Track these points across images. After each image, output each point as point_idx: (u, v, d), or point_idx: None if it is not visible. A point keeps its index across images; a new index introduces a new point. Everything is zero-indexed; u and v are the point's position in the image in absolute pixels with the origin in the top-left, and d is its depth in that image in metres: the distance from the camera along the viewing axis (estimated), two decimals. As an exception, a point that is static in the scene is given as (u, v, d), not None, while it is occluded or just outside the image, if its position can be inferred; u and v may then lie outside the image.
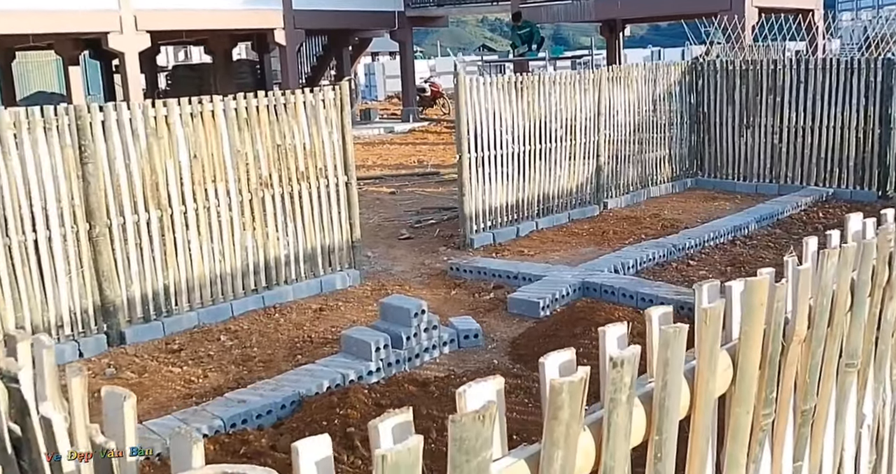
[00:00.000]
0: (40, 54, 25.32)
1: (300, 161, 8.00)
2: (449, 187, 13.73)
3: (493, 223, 10.03)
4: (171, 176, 7.15)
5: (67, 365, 1.05)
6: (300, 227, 8.05)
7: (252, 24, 18.94)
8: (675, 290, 7.38)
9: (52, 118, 6.53)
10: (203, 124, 7.36)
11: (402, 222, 11.21)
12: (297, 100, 8.01)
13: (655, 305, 7.10)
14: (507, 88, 10.15)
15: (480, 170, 9.81)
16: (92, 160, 6.70)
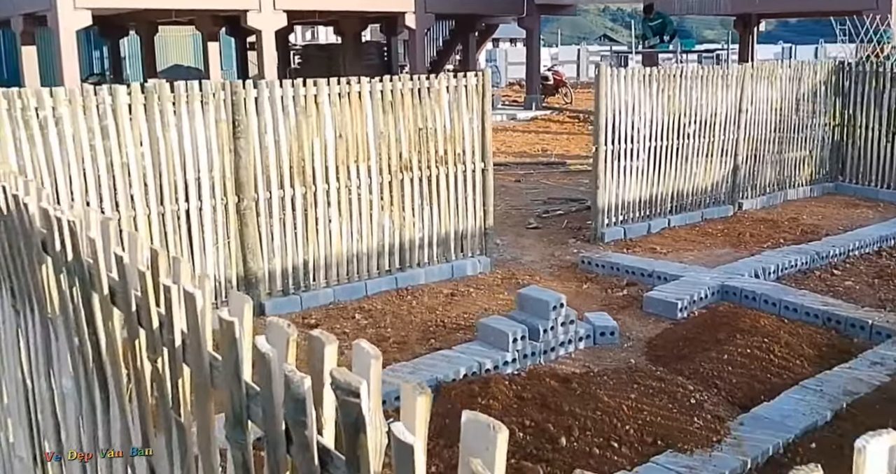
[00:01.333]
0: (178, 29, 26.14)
1: (440, 145, 8.00)
2: (575, 178, 13.55)
3: (625, 218, 9.82)
4: (317, 154, 7.25)
5: (412, 384, 0.97)
6: (435, 211, 8.05)
7: (384, 7, 19.04)
8: (822, 301, 7.06)
9: (209, 93, 6.69)
10: (350, 105, 7.42)
11: (529, 211, 11.10)
12: (441, 85, 8.00)
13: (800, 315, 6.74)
14: (647, 81, 9.89)
15: (616, 163, 9.62)
16: (244, 135, 6.84)
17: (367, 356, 1.01)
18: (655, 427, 4.93)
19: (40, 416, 2.50)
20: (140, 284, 1.50)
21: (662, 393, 5.38)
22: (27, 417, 2.70)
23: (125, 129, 6.31)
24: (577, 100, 24.35)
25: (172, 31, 26.71)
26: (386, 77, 7.76)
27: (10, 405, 2.88)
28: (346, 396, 0.93)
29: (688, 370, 5.76)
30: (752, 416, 5.05)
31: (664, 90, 10.00)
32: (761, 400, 5.29)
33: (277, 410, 1.11)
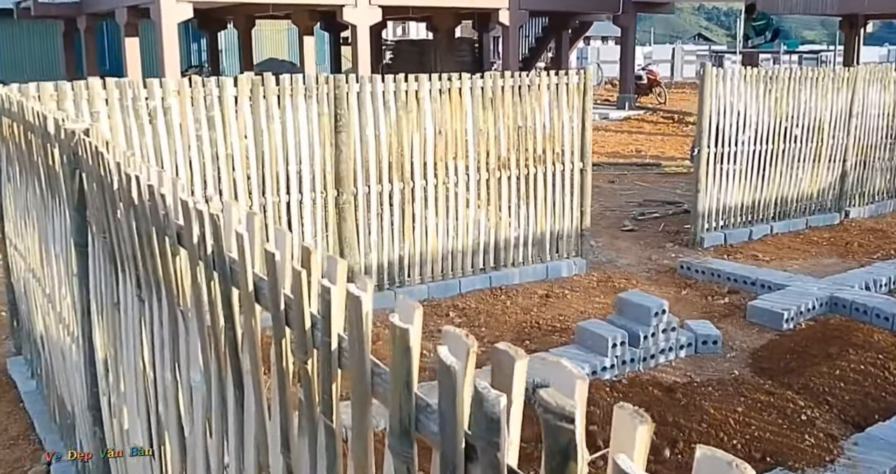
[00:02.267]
0: (274, 23, 26.59)
1: (538, 144, 7.88)
2: (671, 180, 13.25)
3: (726, 223, 9.54)
4: (416, 150, 7.21)
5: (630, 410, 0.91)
6: (532, 211, 7.94)
7: (478, 3, 18.97)
8: (940, 317, 6.70)
9: (313, 86, 6.72)
10: (450, 101, 7.37)
11: (624, 213, 10.88)
12: (542, 82, 7.88)
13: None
14: (754, 82, 9.57)
15: (718, 166, 9.34)
16: (345, 129, 6.84)
17: (570, 376, 0.92)
18: (764, 443, 4.73)
19: (161, 407, 2.49)
20: (293, 284, 1.44)
21: (771, 408, 5.17)
22: (145, 407, 2.70)
23: (231, 121, 6.38)
24: (671, 100, 23.87)
25: (268, 26, 27.17)
26: (487, 74, 7.68)
27: (128, 393, 2.90)
28: (557, 421, 0.85)
29: (797, 384, 5.52)
30: (867, 436, 4.80)
31: (771, 91, 9.67)
32: (876, 420, 5.03)
33: (459, 427, 1.03)
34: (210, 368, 2.02)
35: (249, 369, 1.76)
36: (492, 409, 0.94)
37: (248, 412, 1.82)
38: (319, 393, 1.43)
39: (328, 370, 1.38)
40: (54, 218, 3.96)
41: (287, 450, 1.64)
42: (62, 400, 4.46)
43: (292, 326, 1.53)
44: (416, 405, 1.15)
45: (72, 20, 20.90)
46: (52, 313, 4.27)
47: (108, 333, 3.12)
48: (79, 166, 3.17)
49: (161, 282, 2.31)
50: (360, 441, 1.31)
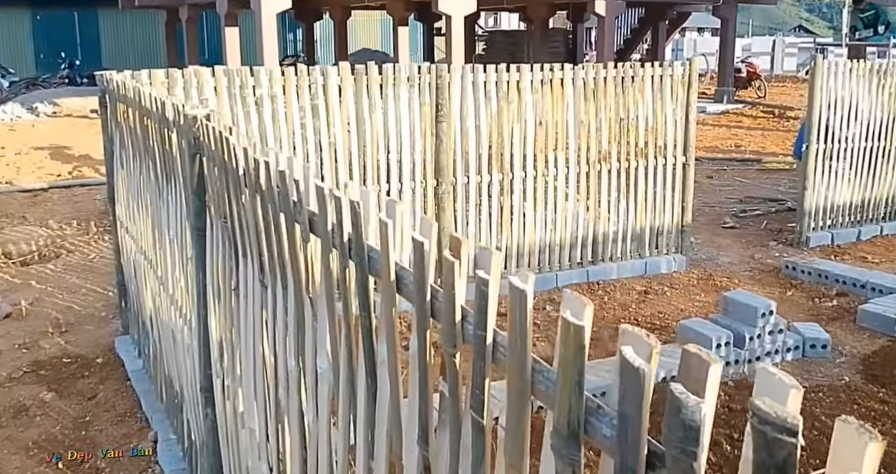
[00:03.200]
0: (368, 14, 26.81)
1: (640, 137, 7.71)
2: (772, 176, 12.85)
3: (833, 222, 9.19)
4: (517, 141, 7.14)
5: (855, 424, 0.88)
6: (632, 205, 7.78)
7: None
8: None
9: (415, 76, 6.71)
10: (551, 92, 7.27)
11: (724, 209, 10.59)
12: (645, 74, 7.70)
13: None
14: (866, 76, 9.17)
15: (826, 163, 8.99)
16: (446, 119, 6.82)
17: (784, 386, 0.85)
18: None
19: (282, 392, 2.50)
20: (447, 277, 1.39)
21: (886, 418, 4.94)
22: (263, 392, 2.71)
23: (334, 109, 6.42)
24: (771, 94, 23.16)
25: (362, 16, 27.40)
26: (589, 64, 7.55)
27: (244, 377, 2.92)
28: (776, 433, 0.78)
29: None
30: None
31: (884, 86, 9.26)
32: None
33: (643, 433, 0.97)
34: (339, 357, 2.00)
35: (385, 359, 1.74)
36: (691, 417, 0.88)
37: (380, 402, 1.79)
38: (469, 388, 1.39)
39: (481, 365, 1.33)
40: (169, 202, 4.04)
41: (424, 443, 1.61)
42: (169, 380, 4.55)
43: (438, 318, 1.49)
44: (586, 407, 1.10)
45: (174, 10, 21.45)
46: (164, 295, 4.36)
47: (224, 317, 3.15)
48: (200, 151, 3.21)
49: (287, 268, 2.31)
50: (516, 440, 1.26)
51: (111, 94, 5.46)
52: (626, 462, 0.99)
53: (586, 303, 1.11)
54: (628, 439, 0.99)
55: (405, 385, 1.72)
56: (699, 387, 0.93)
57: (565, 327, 1.09)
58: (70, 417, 4.92)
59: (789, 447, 0.78)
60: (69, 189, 11.59)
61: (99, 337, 6.14)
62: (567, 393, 1.10)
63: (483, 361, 1.33)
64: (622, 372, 0.99)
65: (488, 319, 1.31)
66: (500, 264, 1.34)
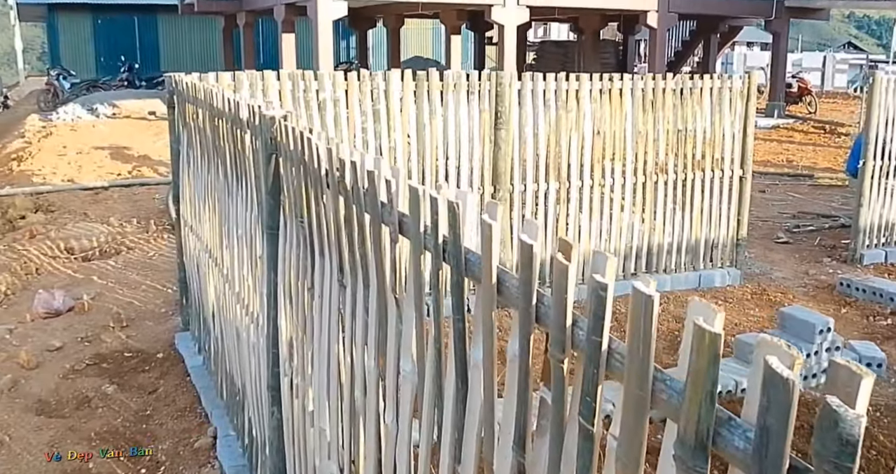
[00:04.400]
0: (420, 22, 26.95)
1: (698, 149, 7.66)
2: (825, 192, 12.67)
3: (888, 240, 9.03)
4: (574, 149, 7.12)
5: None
6: (687, 217, 7.72)
7: (627, 5, 18.64)
8: None
9: (475, 83, 6.72)
10: (610, 101, 7.24)
11: (777, 224, 10.46)
12: (704, 85, 7.65)
13: None
14: (928, 92, 9.00)
15: (884, 180, 8.85)
16: (505, 126, 6.82)
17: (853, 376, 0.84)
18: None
19: (358, 393, 2.51)
20: (559, 281, 1.40)
21: (950, 440, 4.83)
22: (338, 392, 2.73)
23: (395, 114, 6.46)
24: (821, 110, 22.84)
25: (415, 24, 27.54)
26: (647, 75, 7.52)
27: (317, 377, 2.94)
28: None
29: (975, 417, 5.15)
30: None
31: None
32: None
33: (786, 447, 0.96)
34: (425, 359, 2.01)
35: (479, 362, 1.74)
36: (849, 431, 0.87)
37: (470, 406, 1.79)
38: (580, 395, 1.38)
39: (593, 371, 1.33)
40: (238, 201, 4.09)
41: (521, 449, 1.61)
42: (231, 377, 4.60)
43: (543, 322, 1.49)
44: (716, 417, 1.09)
45: (231, 16, 21.74)
46: (229, 292, 4.41)
47: (296, 316, 3.18)
48: (276, 151, 3.25)
49: (370, 268, 2.32)
50: (631, 449, 1.25)
51: (179, 95, 5.55)
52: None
53: (717, 311, 1.11)
54: (769, 453, 0.98)
55: (500, 389, 1.72)
56: (849, 401, 0.92)
57: (699, 335, 1.08)
58: (131, 410, 4.99)
59: None
60: (129, 188, 11.80)
61: (159, 332, 6.22)
62: (697, 403, 1.09)
63: (597, 368, 1.32)
64: (767, 383, 0.98)
65: (604, 325, 1.31)
66: (615, 269, 1.34)
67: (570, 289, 1.39)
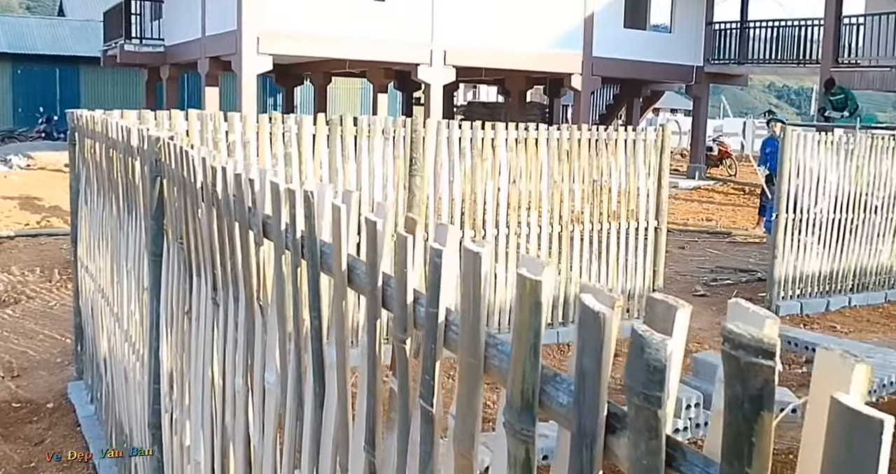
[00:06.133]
0: (348, 81, 27.15)
1: (613, 200, 7.72)
2: (742, 249, 12.93)
3: (802, 292, 9.19)
4: (489, 198, 7.11)
5: (839, 351, 0.81)
6: (603, 268, 7.74)
7: (552, 68, 19.09)
8: None
9: (390, 129, 6.70)
10: (526, 151, 7.28)
11: (695, 278, 10.58)
12: (619, 137, 7.77)
13: None
14: (834, 149, 9.32)
15: (796, 233, 9.04)
16: (420, 173, 6.79)
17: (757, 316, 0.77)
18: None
19: (228, 416, 2.36)
20: (397, 254, 1.31)
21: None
22: (210, 419, 2.57)
23: (307, 159, 6.37)
24: (741, 172, 23.51)
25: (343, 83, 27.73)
26: (563, 125, 7.61)
27: (192, 407, 2.77)
28: (751, 357, 0.69)
29: (885, 458, 5.16)
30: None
31: (853, 160, 9.40)
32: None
33: (603, 390, 0.88)
34: (288, 366, 1.89)
35: (335, 361, 1.63)
36: (655, 356, 0.79)
37: (327, 409, 1.67)
38: (419, 375, 1.28)
39: (431, 346, 1.23)
40: (129, 233, 3.93)
41: (371, 448, 1.49)
42: (120, 423, 4.36)
43: (389, 305, 1.39)
44: (542, 374, 1.00)
45: (155, 69, 21.59)
46: (119, 332, 4.21)
47: (176, 345, 3.02)
48: (160, 173, 3.12)
49: (239, 279, 2.20)
50: (466, 424, 1.15)
51: (80, 130, 5.39)
52: (584, 426, 0.89)
53: (546, 264, 1.03)
54: (586, 398, 0.89)
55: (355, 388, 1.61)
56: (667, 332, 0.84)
57: (521, 284, 1.00)
58: (15, 462, 4.68)
59: (767, 372, 0.69)
60: (36, 238, 11.42)
61: (52, 382, 5.92)
62: (521, 360, 1.00)
63: (434, 343, 1.23)
64: (580, 322, 0.90)
65: (440, 295, 1.22)
66: (458, 239, 1.26)
67: (409, 263, 1.30)
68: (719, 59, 22.21)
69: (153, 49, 20.48)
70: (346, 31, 15.83)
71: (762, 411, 0.70)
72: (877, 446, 0.61)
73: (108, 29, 23.02)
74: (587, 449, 0.88)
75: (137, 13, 20.59)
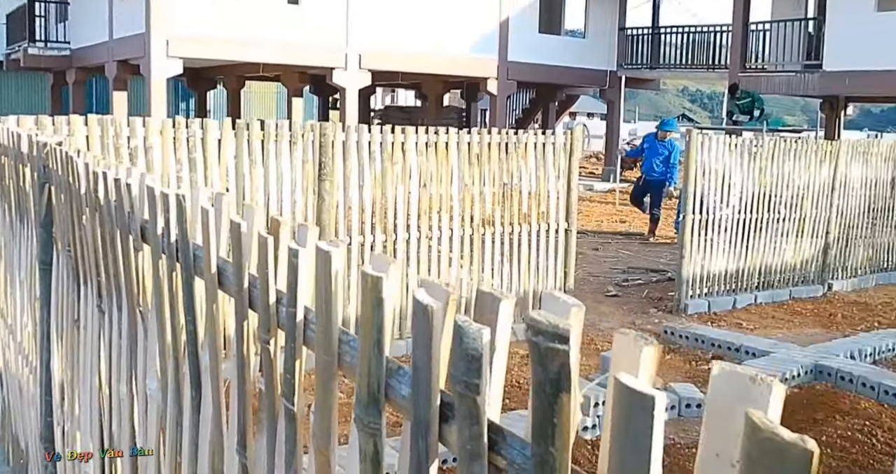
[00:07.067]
0: (263, 85, 26.87)
1: (524, 202, 7.82)
2: (654, 249, 13.23)
3: (710, 290, 9.45)
4: (400, 202, 7.13)
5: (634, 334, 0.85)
6: (515, 269, 7.83)
7: (468, 72, 19.25)
8: (927, 387, 6.58)
9: (297, 133, 6.66)
10: (436, 155, 7.33)
11: (608, 279, 10.79)
12: (529, 141, 7.88)
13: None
14: (740, 150, 9.62)
15: (703, 233, 9.30)
16: (329, 177, 6.77)
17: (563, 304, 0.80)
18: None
19: (115, 426, 2.32)
20: (259, 256, 1.31)
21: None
22: (99, 428, 2.53)
23: (213, 164, 6.29)
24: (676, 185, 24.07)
25: (257, 87, 27.42)
26: (474, 129, 7.68)
27: (83, 417, 2.72)
28: (549, 342, 0.72)
29: (783, 448, 5.35)
30: (857, 503, 4.63)
31: (757, 161, 9.72)
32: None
33: (434, 380, 0.90)
34: (167, 372, 1.87)
35: (209, 364, 1.62)
36: (472, 345, 0.81)
37: (203, 414, 1.66)
38: (282, 375, 1.29)
39: (291, 345, 1.24)
40: (21, 242, 3.82)
41: (243, 449, 1.49)
42: (17, 439, 4.24)
43: (256, 306, 1.40)
44: (387, 368, 1.02)
45: (61, 73, 21.01)
46: (13, 345, 4.09)
47: (66, 355, 2.95)
48: (48, 179, 3.05)
49: (122, 286, 2.17)
50: (322, 421, 1.17)
51: (-29, 137, 5.21)
52: (420, 415, 0.92)
53: (392, 262, 1.05)
54: (420, 389, 0.91)
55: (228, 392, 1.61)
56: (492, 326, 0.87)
57: (363, 280, 1.02)
58: None
59: (562, 356, 0.72)
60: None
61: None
62: (367, 356, 1.02)
63: (294, 341, 1.24)
64: (413, 315, 0.92)
65: (298, 294, 1.23)
66: (316, 237, 1.27)
67: (270, 264, 1.31)
68: (632, 63, 22.73)
69: (58, 52, 19.92)
70: (260, 35, 15.68)
71: (561, 393, 0.73)
72: (650, 420, 0.65)
73: (10, 31, 22.30)
74: (423, 438, 0.90)
75: (41, 15, 20.00)
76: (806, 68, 19.44)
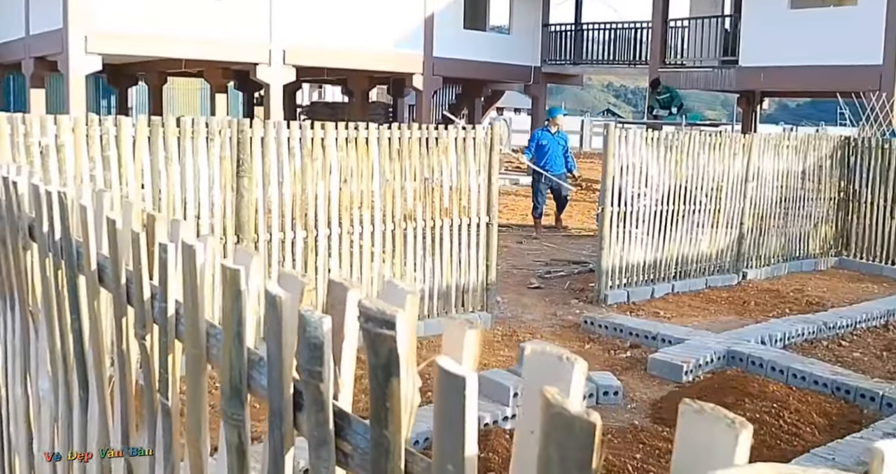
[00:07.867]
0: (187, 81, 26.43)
1: (445, 197, 7.88)
2: (577, 242, 13.45)
3: (629, 281, 9.66)
4: (321, 198, 7.12)
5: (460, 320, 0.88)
6: (437, 264, 7.88)
7: (393, 67, 19.24)
8: (831, 370, 6.85)
9: (214, 130, 6.60)
10: (357, 150, 7.33)
11: (531, 271, 10.94)
12: (449, 136, 7.93)
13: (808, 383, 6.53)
14: (655, 144, 9.85)
15: (621, 225, 9.50)
16: (248, 174, 6.72)
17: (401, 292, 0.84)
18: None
19: (13, 427, 2.30)
20: (133, 251, 1.32)
21: (669, 454, 5.13)
22: None
23: (127, 161, 6.19)
24: (579, 169, 24.39)
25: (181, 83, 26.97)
26: (395, 125, 7.71)
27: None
28: (377, 328, 0.76)
29: (695, 432, 5.52)
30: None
31: (672, 155, 9.95)
32: (771, 467, 5.05)
33: (286, 369, 0.93)
34: (58, 371, 1.86)
35: (93, 362, 1.62)
36: (314, 333, 0.85)
37: (91, 413, 1.67)
38: (157, 371, 1.31)
39: (164, 340, 1.26)
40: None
41: (127, 445, 1.50)
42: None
43: (134, 302, 1.41)
44: (248, 360, 1.05)
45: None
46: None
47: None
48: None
49: (14, 287, 2.15)
50: (193, 413, 1.19)
51: None
52: (275, 403, 0.95)
53: (255, 255, 1.07)
54: (272, 378, 0.94)
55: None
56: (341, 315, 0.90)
57: (222, 274, 1.04)
58: None
59: (389, 341, 0.76)
60: None
61: None
62: (229, 347, 1.05)
63: (166, 336, 1.26)
64: (266, 307, 0.95)
65: (168, 289, 1.25)
66: (191, 233, 1.29)
67: (143, 260, 1.32)
68: (556, 59, 23.00)
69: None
70: (181, 31, 15.42)
71: (391, 378, 0.77)
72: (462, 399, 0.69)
73: (-80, 27, 21.49)
74: (278, 428, 0.93)
75: (-48, 10, 19.32)
76: (723, 64, 19.94)
